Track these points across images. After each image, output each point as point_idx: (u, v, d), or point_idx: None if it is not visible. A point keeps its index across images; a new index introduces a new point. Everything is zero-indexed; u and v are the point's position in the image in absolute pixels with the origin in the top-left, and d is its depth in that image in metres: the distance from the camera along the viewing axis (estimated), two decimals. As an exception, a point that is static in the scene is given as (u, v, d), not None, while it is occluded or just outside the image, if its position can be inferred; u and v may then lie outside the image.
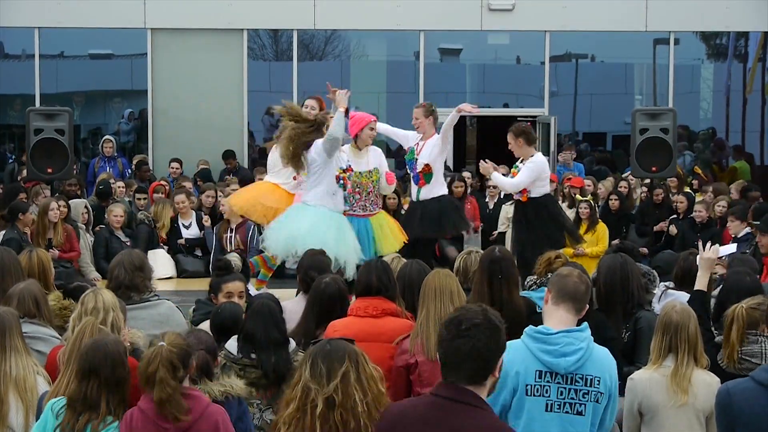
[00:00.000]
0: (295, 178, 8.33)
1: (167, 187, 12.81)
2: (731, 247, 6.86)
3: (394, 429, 3.25)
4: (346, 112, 7.72)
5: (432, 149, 8.69)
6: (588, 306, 5.21)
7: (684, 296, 5.48)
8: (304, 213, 7.68)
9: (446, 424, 3.16)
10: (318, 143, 7.68)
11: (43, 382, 4.47)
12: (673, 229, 11.43)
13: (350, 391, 3.41)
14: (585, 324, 4.02)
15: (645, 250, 11.29)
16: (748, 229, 9.39)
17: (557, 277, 4.10)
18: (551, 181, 9.48)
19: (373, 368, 3.51)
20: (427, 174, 8.74)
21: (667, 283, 6.04)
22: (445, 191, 8.94)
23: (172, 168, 14.15)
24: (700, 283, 5.33)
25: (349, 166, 7.96)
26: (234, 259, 6.30)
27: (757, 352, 4.68)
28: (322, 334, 4.87)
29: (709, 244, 5.45)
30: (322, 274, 5.38)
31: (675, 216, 11.75)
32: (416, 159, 8.78)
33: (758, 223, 8.83)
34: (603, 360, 4.00)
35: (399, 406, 3.39)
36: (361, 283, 5.08)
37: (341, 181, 7.83)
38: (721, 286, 5.75)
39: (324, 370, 3.43)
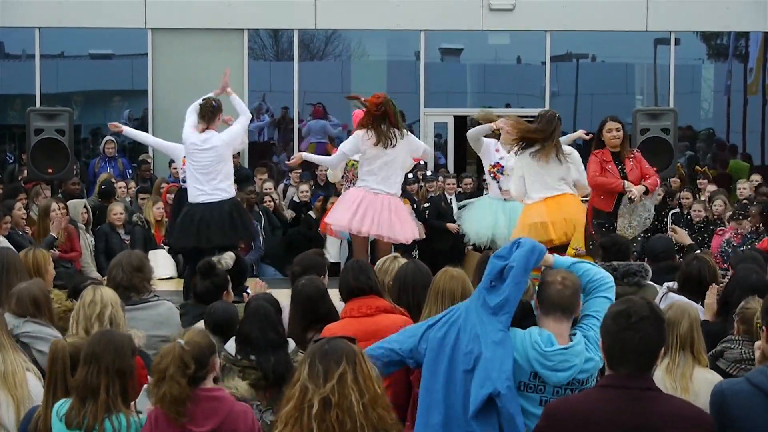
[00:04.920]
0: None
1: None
2: None
3: (579, 427, 3.21)
4: None
5: None
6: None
7: (682, 300, 5.48)
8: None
9: (649, 411, 3.15)
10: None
11: (33, 378, 4.45)
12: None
13: (347, 391, 3.39)
14: (578, 336, 3.92)
15: None
16: None
17: (542, 285, 4.01)
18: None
19: (371, 368, 3.50)
20: None
21: (669, 284, 6.01)
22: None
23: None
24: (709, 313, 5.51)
25: None
26: (226, 258, 6.26)
27: None
28: (316, 337, 4.85)
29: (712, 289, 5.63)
30: (303, 271, 5.38)
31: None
32: None
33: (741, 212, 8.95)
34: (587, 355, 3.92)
35: (571, 406, 3.30)
36: (342, 287, 5.10)
37: None
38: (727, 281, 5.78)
39: (321, 370, 3.42)
